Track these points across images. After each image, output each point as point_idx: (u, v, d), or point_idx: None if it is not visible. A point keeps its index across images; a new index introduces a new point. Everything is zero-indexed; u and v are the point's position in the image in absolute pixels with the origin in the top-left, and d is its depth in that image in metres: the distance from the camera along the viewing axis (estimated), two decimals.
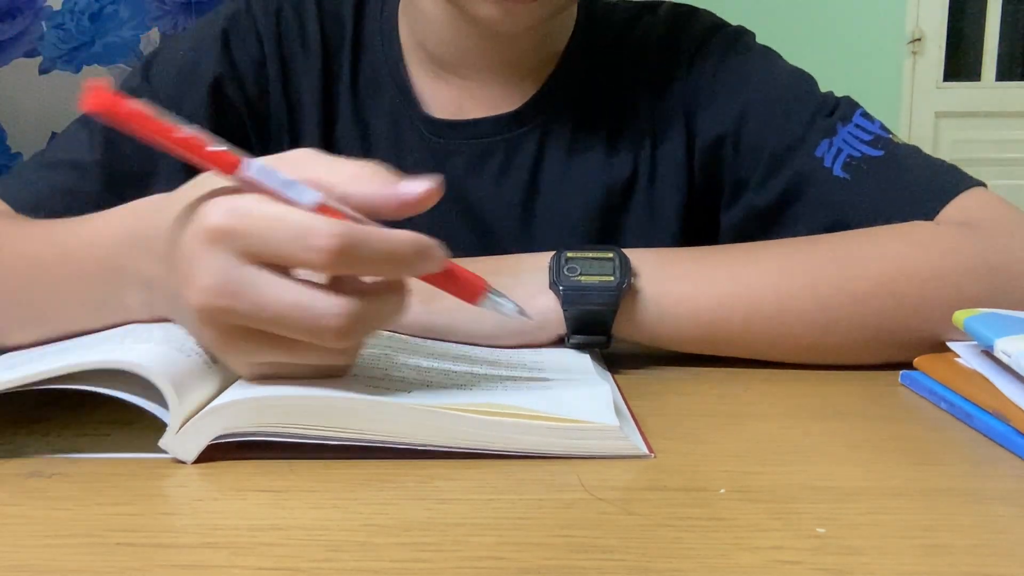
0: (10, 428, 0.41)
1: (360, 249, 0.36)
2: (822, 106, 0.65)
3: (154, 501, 0.35)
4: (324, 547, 0.31)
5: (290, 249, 0.36)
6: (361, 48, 0.72)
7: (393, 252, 0.37)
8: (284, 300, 0.36)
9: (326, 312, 0.36)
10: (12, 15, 2.09)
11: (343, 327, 0.36)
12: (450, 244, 0.41)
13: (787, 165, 0.64)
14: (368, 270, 0.38)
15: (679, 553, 0.31)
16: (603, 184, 0.70)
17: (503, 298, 0.43)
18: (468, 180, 0.70)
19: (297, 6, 0.72)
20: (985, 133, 3.49)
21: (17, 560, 0.30)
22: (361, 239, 0.36)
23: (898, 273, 0.52)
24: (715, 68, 0.69)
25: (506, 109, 0.70)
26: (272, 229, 0.36)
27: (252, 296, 0.36)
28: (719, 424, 0.44)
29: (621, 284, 0.51)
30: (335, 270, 0.37)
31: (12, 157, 2.13)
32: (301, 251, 0.35)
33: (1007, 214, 0.57)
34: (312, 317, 0.36)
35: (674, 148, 0.70)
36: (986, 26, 3.53)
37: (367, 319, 0.37)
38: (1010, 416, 0.41)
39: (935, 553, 0.31)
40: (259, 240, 0.36)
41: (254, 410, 0.38)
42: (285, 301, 0.36)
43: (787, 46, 0.74)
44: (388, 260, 0.37)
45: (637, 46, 0.72)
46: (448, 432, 0.38)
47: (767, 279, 0.53)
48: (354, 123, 0.71)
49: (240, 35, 0.70)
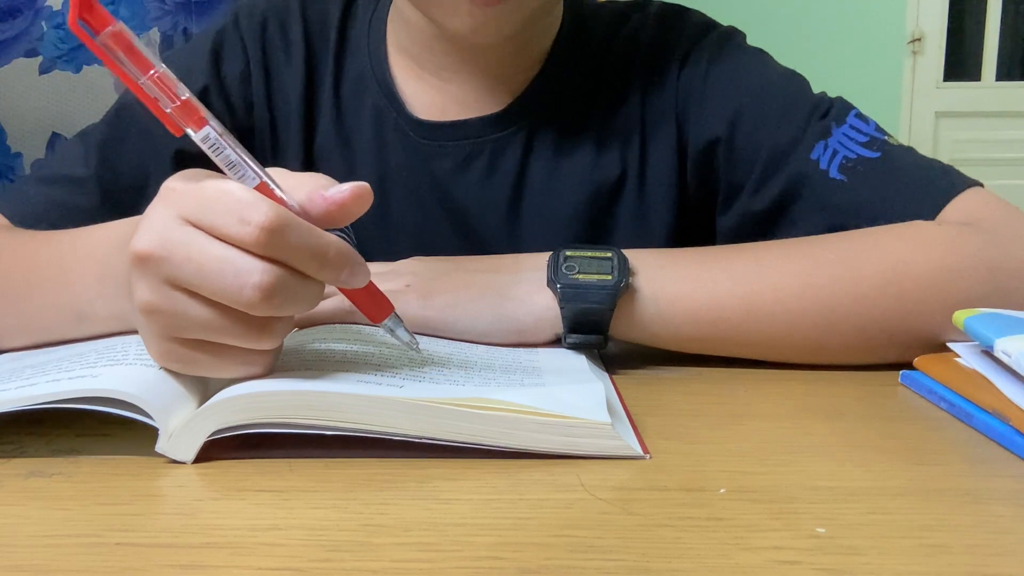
0: (10, 428, 0.41)
1: (290, 234, 0.38)
2: (816, 108, 0.65)
3: (154, 501, 0.35)
4: (324, 547, 0.31)
5: (226, 220, 0.38)
6: (346, 53, 0.73)
7: (319, 247, 0.39)
8: (212, 253, 0.38)
9: (249, 269, 0.37)
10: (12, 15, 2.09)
11: (264, 286, 0.37)
12: (436, 244, 0.42)
13: (783, 168, 0.64)
14: (294, 259, 0.39)
15: (679, 553, 0.31)
16: (590, 185, 0.70)
17: (402, 328, 0.45)
18: (454, 181, 0.70)
19: (281, 16, 0.73)
20: (985, 133, 3.49)
21: (17, 560, 0.30)
22: (293, 225, 0.38)
23: (899, 273, 0.52)
24: (706, 69, 0.68)
25: (492, 110, 0.70)
26: (213, 200, 0.38)
27: (184, 250, 0.38)
28: (719, 424, 0.44)
29: (619, 283, 0.51)
30: (264, 249, 0.38)
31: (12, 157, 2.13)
32: (236, 223, 0.37)
33: (1007, 214, 0.57)
34: (235, 272, 0.37)
35: (665, 150, 0.69)
36: (986, 26, 3.53)
37: (287, 291, 0.38)
38: (1010, 416, 0.41)
39: (935, 553, 0.31)
40: (200, 207, 0.38)
41: (247, 406, 0.38)
42: (212, 254, 0.38)
43: (787, 46, 0.74)
44: (314, 255, 0.39)
45: (626, 46, 0.71)
46: (438, 425, 0.38)
47: (767, 279, 0.53)
48: (336, 128, 0.72)
49: (228, 48, 0.71)
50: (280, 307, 0.39)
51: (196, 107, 0.39)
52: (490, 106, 0.70)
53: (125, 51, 0.38)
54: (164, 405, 0.39)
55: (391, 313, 0.45)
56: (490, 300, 0.53)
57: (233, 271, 0.37)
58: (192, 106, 0.39)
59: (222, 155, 0.39)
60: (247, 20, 0.72)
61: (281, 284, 0.38)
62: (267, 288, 0.37)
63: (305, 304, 0.40)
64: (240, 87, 0.71)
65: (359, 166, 0.71)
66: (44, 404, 0.38)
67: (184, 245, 0.38)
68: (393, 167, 0.71)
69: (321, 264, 0.39)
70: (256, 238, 0.37)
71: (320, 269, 0.39)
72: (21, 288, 0.51)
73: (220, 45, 0.72)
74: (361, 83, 0.72)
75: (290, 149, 0.72)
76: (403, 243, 0.71)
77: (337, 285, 0.41)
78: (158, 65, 0.39)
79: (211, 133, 0.39)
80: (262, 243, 0.37)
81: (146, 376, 0.40)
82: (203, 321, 0.39)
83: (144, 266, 0.39)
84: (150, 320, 0.40)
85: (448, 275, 0.55)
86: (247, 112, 0.72)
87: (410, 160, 0.70)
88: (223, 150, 0.39)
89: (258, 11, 0.73)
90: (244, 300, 0.38)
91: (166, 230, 0.38)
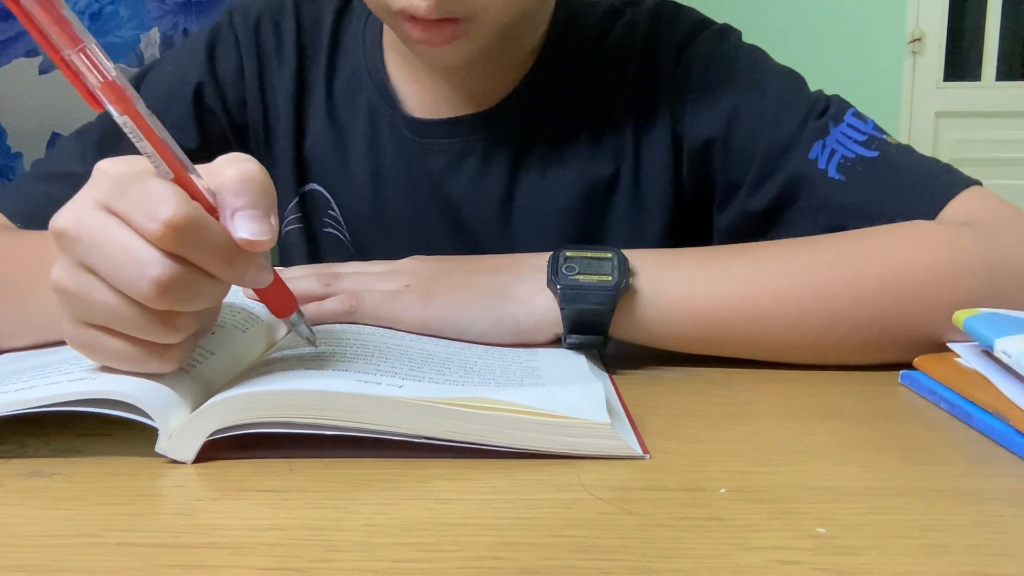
0: (10, 428, 0.41)
1: (195, 234, 0.37)
2: (813, 106, 0.65)
3: (154, 501, 0.35)
4: (324, 547, 0.31)
5: (135, 211, 0.37)
6: (339, 52, 0.73)
7: (225, 248, 0.38)
8: (118, 241, 0.38)
9: (150, 261, 0.37)
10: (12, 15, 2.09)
11: (161, 280, 0.37)
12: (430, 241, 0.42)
13: (780, 168, 0.64)
14: (198, 258, 0.38)
15: (679, 553, 0.31)
16: (584, 182, 0.70)
17: (303, 324, 0.45)
18: (447, 178, 0.70)
19: (275, 15, 0.74)
20: (985, 133, 3.49)
21: (17, 560, 0.30)
22: (199, 225, 0.38)
23: (899, 273, 0.52)
24: (701, 68, 0.68)
25: (484, 107, 0.70)
26: (128, 189, 0.38)
27: (93, 233, 0.38)
28: (719, 424, 0.44)
29: (619, 284, 0.51)
30: (167, 245, 0.37)
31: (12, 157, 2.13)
32: (143, 216, 0.37)
33: (1007, 213, 0.57)
34: (136, 262, 0.37)
35: (659, 148, 0.69)
36: (986, 26, 3.53)
37: (187, 288, 0.38)
38: (1010, 416, 0.41)
39: (935, 553, 0.31)
40: (116, 194, 0.38)
41: (247, 406, 0.38)
42: (119, 242, 0.38)
43: (787, 46, 0.74)
44: (219, 255, 0.38)
45: (619, 43, 0.71)
46: (438, 425, 0.38)
47: (767, 279, 0.52)
48: (330, 125, 0.72)
49: (222, 47, 0.72)
50: (178, 303, 0.38)
51: (122, 90, 0.37)
52: (483, 103, 0.70)
53: (52, 20, 0.36)
54: (164, 405, 0.39)
55: (295, 310, 0.45)
56: (490, 300, 0.53)
57: (135, 261, 0.37)
58: (117, 88, 0.37)
59: (140, 144, 0.38)
60: (241, 19, 0.73)
61: (180, 280, 0.38)
62: (164, 283, 0.37)
63: (206, 301, 0.40)
64: (234, 85, 0.72)
65: (353, 163, 0.72)
66: (44, 408, 0.38)
67: (95, 229, 0.38)
68: (387, 164, 0.71)
69: (226, 265, 0.39)
70: (160, 234, 0.37)
71: (225, 269, 0.39)
72: (23, 287, 0.52)
73: (215, 43, 0.72)
74: (355, 81, 0.72)
75: (283, 146, 0.73)
76: (398, 239, 0.71)
77: (240, 284, 0.41)
78: (87, 41, 0.37)
79: (128, 122, 0.38)
80: (165, 239, 0.37)
81: (145, 377, 0.40)
82: (107, 307, 0.39)
83: (60, 242, 0.39)
84: (61, 300, 0.40)
85: (448, 275, 0.55)
86: (241, 110, 0.73)
87: (404, 157, 0.71)
88: (140, 140, 0.38)
89: (252, 10, 0.74)
90: (141, 292, 0.37)
91: (83, 211, 0.39)
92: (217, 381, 0.43)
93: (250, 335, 0.50)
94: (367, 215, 0.73)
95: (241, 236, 0.38)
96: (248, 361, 0.48)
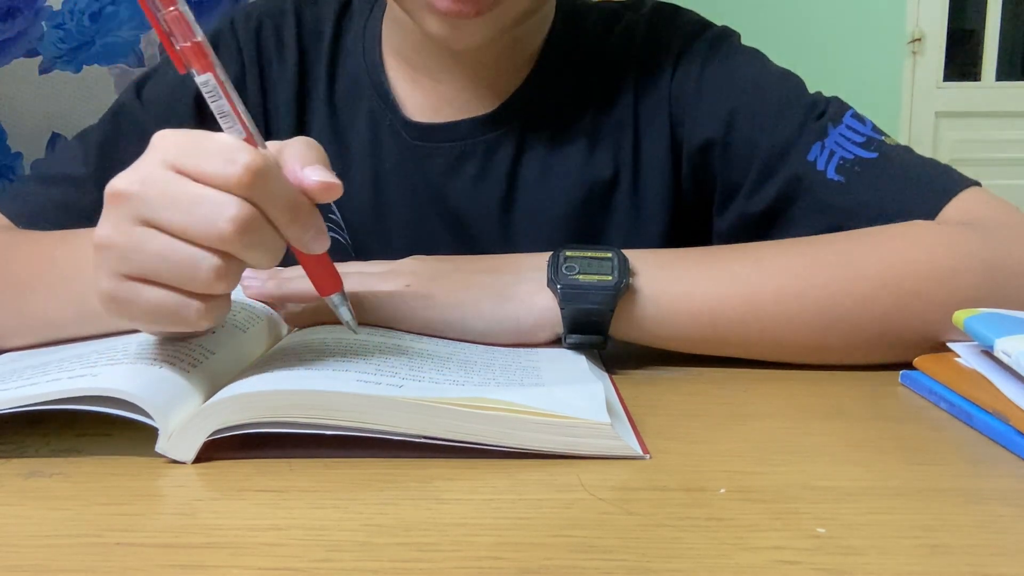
0: (10, 428, 0.41)
1: (271, 181, 0.40)
2: (812, 108, 0.65)
3: (154, 501, 0.35)
4: (324, 547, 0.31)
5: (212, 161, 0.39)
6: (340, 57, 0.73)
7: (295, 199, 0.41)
8: (189, 191, 0.39)
9: (225, 202, 0.39)
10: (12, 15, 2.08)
11: (239, 218, 0.39)
12: (430, 244, 0.43)
13: (780, 170, 0.64)
14: (271, 205, 0.40)
15: (679, 553, 0.31)
16: (583, 185, 0.70)
17: (346, 307, 0.47)
18: (447, 182, 0.70)
19: (276, 20, 0.73)
20: (985, 133, 3.49)
21: (17, 560, 0.30)
22: (275, 173, 0.40)
23: (899, 273, 0.52)
24: (701, 70, 0.68)
25: (484, 111, 0.70)
26: (201, 145, 0.40)
27: (161, 187, 0.39)
28: (719, 424, 0.44)
29: (619, 284, 0.51)
30: (246, 188, 0.39)
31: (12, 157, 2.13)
32: (222, 163, 0.39)
33: (1006, 213, 0.57)
34: (211, 204, 0.39)
35: (658, 150, 0.69)
36: (986, 26, 3.53)
37: (258, 232, 0.40)
38: (1010, 416, 0.41)
39: (935, 553, 0.31)
40: (186, 151, 0.40)
41: (247, 406, 0.38)
42: (190, 191, 0.39)
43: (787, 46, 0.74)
44: (289, 206, 0.40)
45: (619, 46, 0.71)
46: (438, 425, 0.38)
47: (768, 279, 0.53)
48: (331, 130, 0.72)
49: (223, 51, 0.72)
50: (249, 245, 0.39)
51: (206, 52, 0.41)
52: (482, 107, 0.70)
53: None
54: (164, 405, 0.39)
55: (339, 290, 0.46)
56: (490, 300, 0.53)
57: (209, 204, 0.39)
58: (202, 50, 0.41)
59: (217, 103, 0.41)
60: (243, 23, 0.73)
61: (255, 221, 0.39)
62: (242, 221, 0.39)
63: (267, 254, 0.41)
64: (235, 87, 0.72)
65: (354, 167, 0.72)
66: (44, 406, 0.38)
67: (162, 183, 0.39)
68: (387, 168, 0.71)
69: (293, 217, 0.41)
70: (240, 177, 0.38)
71: (291, 222, 0.41)
72: (24, 286, 0.52)
73: (215, 48, 0.72)
74: (356, 86, 0.72)
75: None
76: (398, 243, 0.71)
77: (299, 245, 0.42)
78: (180, 4, 0.40)
79: (211, 80, 0.41)
80: (245, 182, 0.38)
81: (146, 376, 0.40)
82: (160, 254, 0.39)
83: (115, 203, 0.40)
84: (103, 256, 0.40)
85: (448, 275, 0.55)
86: None
87: (404, 161, 0.71)
88: (219, 99, 0.41)
89: (253, 14, 0.74)
90: (216, 231, 0.38)
91: (147, 171, 0.40)
92: (217, 381, 0.43)
93: (251, 335, 0.50)
94: (368, 218, 0.73)
95: (313, 179, 0.41)
96: (249, 361, 0.48)
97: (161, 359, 0.42)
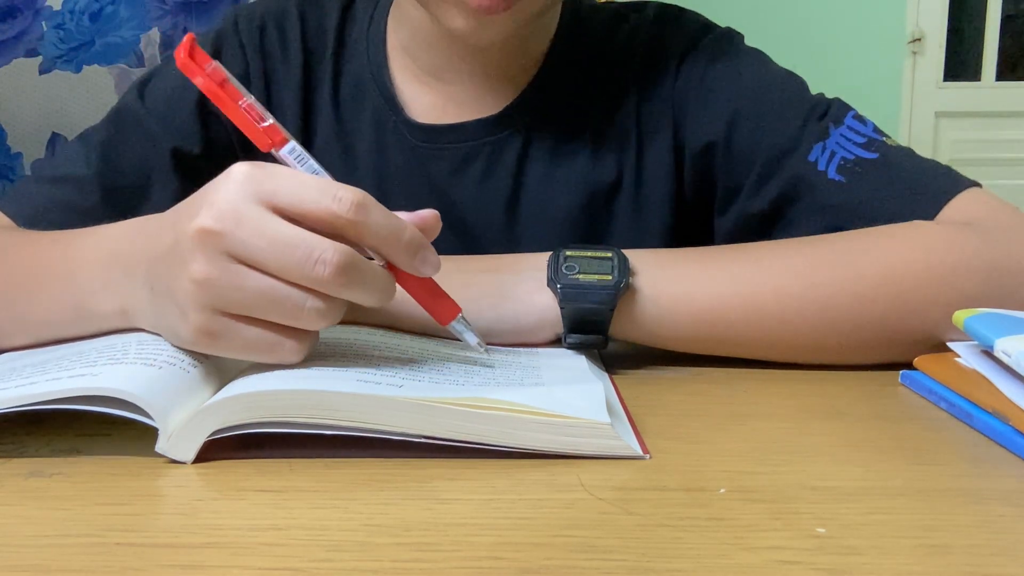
0: (10, 428, 0.41)
1: (373, 213, 0.40)
2: (814, 109, 0.65)
3: (154, 501, 0.35)
4: (324, 547, 0.31)
5: (316, 197, 0.40)
6: (344, 57, 0.73)
7: (397, 227, 0.42)
8: (284, 231, 0.39)
9: (322, 246, 0.39)
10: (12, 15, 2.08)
11: (336, 261, 0.39)
12: (435, 246, 0.43)
13: (781, 170, 0.64)
14: (374, 239, 0.41)
15: (679, 553, 0.31)
16: (587, 187, 0.70)
17: (470, 330, 0.47)
18: (451, 183, 0.70)
19: (280, 20, 0.73)
20: (985, 133, 3.49)
21: (17, 560, 0.30)
22: (375, 206, 0.41)
23: (898, 273, 0.52)
24: (704, 71, 0.68)
25: (489, 112, 0.70)
26: (300, 183, 0.40)
27: (255, 224, 0.39)
28: (718, 424, 0.44)
29: (619, 283, 0.51)
30: (350, 227, 0.40)
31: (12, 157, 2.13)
32: (330, 200, 0.39)
33: (1006, 214, 0.57)
34: (307, 247, 0.39)
35: (662, 151, 0.69)
36: (986, 26, 3.53)
37: (358, 271, 0.40)
38: (1010, 416, 0.41)
39: (935, 553, 0.31)
40: (282, 188, 0.40)
41: (247, 406, 0.38)
42: (285, 232, 0.39)
43: (787, 46, 0.74)
44: (392, 235, 0.41)
45: (623, 48, 0.71)
46: (438, 425, 0.38)
47: (768, 279, 0.53)
48: (335, 131, 0.72)
49: (226, 51, 0.72)
50: (348, 285, 0.40)
51: (279, 128, 0.44)
52: (487, 108, 0.70)
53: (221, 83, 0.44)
54: (164, 405, 0.39)
55: (458, 314, 0.47)
56: (490, 300, 0.53)
57: (306, 246, 0.39)
58: (275, 127, 0.44)
59: (307, 164, 0.44)
60: (246, 23, 0.73)
61: (353, 262, 0.40)
62: (339, 264, 0.39)
63: (370, 291, 0.41)
64: None
65: (359, 168, 0.72)
66: (44, 406, 0.38)
67: (256, 220, 0.39)
68: (392, 169, 0.71)
69: (396, 245, 0.42)
70: (349, 210, 0.39)
71: (396, 252, 0.42)
72: (24, 285, 0.52)
73: (219, 48, 0.72)
74: (360, 86, 0.72)
75: None
76: None
77: (409, 270, 0.43)
78: (247, 95, 0.44)
79: (296, 146, 0.44)
80: (352, 216, 0.39)
81: (146, 375, 0.40)
82: (260, 292, 0.39)
83: (206, 239, 0.39)
84: (200, 290, 0.40)
85: (448, 275, 0.54)
86: None
87: (408, 163, 0.71)
88: (307, 160, 0.44)
89: (257, 14, 0.73)
90: (315, 275, 0.39)
91: (237, 207, 0.39)
92: (218, 381, 0.43)
93: None
94: None
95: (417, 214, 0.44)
96: (248, 361, 0.47)
97: (161, 359, 0.42)
